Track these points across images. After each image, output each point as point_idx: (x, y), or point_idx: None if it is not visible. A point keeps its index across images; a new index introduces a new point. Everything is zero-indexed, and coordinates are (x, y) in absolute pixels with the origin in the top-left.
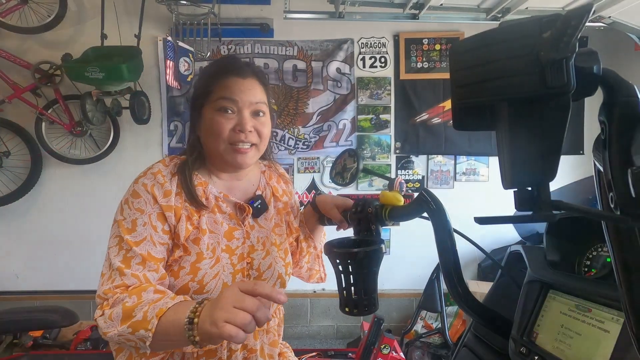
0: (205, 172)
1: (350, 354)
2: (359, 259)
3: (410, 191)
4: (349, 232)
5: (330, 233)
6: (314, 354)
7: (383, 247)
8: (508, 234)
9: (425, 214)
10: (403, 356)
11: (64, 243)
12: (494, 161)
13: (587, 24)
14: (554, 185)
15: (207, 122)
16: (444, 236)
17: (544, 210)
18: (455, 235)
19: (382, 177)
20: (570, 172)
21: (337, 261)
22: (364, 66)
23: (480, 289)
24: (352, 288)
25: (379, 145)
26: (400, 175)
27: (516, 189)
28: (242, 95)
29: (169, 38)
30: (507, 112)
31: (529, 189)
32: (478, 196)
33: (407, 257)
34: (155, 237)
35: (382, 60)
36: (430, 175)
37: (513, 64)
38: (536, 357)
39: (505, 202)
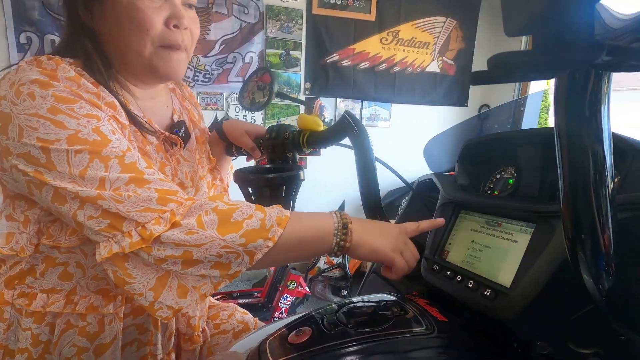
0: (117, 86)
1: (256, 294)
2: (274, 185)
3: None
4: None
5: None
6: (218, 296)
7: (302, 173)
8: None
9: (346, 141)
10: (308, 289)
11: None
12: (396, 108)
13: None
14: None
15: (120, 9)
16: (366, 162)
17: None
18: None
19: (298, 101)
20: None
21: (250, 190)
22: None
23: None
24: None
25: (289, 84)
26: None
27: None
28: None
29: None
30: None
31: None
32: (381, 141)
33: (318, 188)
34: (131, 146)
35: None
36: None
37: None
38: (448, 272)
39: (406, 148)
